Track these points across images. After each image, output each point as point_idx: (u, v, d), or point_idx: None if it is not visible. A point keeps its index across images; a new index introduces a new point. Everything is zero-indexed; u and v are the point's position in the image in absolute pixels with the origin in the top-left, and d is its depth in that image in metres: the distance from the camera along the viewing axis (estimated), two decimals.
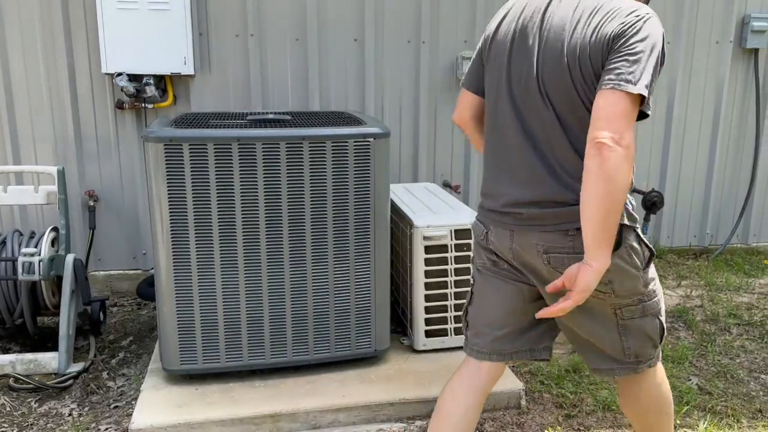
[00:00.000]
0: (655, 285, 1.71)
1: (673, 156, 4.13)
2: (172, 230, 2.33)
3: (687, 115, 4.10)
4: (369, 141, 2.45)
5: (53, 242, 2.99)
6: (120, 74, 3.28)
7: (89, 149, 3.48)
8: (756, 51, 4.08)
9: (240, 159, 2.32)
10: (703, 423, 2.41)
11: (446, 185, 3.85)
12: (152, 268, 3.61)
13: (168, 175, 2.28)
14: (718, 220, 4.31)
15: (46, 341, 3.08)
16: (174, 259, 2.36)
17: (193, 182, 2.30)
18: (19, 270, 2.72)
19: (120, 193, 3.55)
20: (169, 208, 2.31)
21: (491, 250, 1.78)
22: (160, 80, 3.40)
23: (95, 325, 3.12)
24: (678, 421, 2.42)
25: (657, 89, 4.02)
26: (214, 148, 2.29)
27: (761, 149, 4.21)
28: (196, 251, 2.36)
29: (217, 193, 2.33)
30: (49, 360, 2.80)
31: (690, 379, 2.73)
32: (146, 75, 3.32)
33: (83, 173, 3.50)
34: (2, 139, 3.39)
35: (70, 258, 2.90)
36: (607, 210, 1.47)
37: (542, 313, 1.60)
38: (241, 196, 2.35)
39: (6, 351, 2.98)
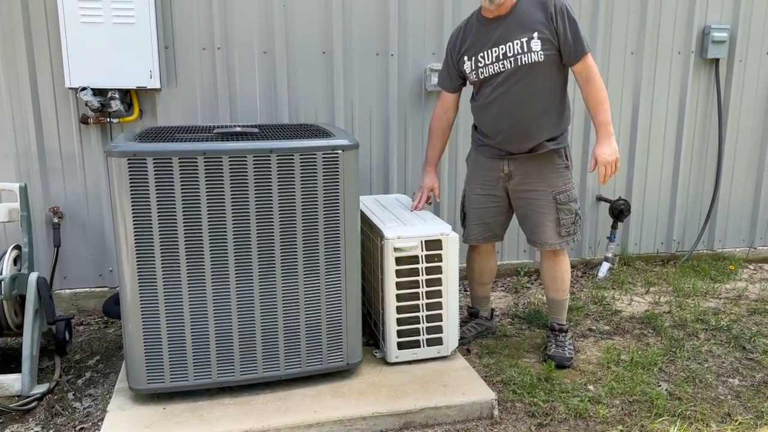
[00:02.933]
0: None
1: (638, 165, 4.20)
2: (136, 246, 2.29)
3: (651, 124, 4.18)
4: (338, 153, 2.44)
5: (15, 260, 2.92)
6: (84, 89, 3.22)
7: (53, 165, 3.41)
8: (717, 61, 4.19)
9: (206, 173, 2.29)
10: (674, 428, 2.43)
11: None
12: (118, 286, 3.55)
13: (132, 190, 2.24)
14: (684, 226, 4.39)
15: (9, 362, 2.99)
16: (139, 275, 2.31)
17: (158, 197, 2.26)
18: None
19: (85, 210, 3.48)
20: (134, 224, 2.27)
21: None
22: (125, 94, 3.35)
23: (60, 344, 3.05)
24: (649, 427, 2.44)
25: (623, 98, 4.10)
26: (180, 162, 2.26)
27: (724, 156, 4.30)
28: (162, 267, 2.32)
29: (183, 207, 2.29)
30: (11, 382, 2.71)
31: (660, 385, 2.76)
32: (111, 89, 3.27)
33: (47, 189, 3.42)
34: None
35: (33, 277, 2.83)
36: None
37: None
38: (208, 211, 2.32)
39: None
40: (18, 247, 2.95)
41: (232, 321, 2.43)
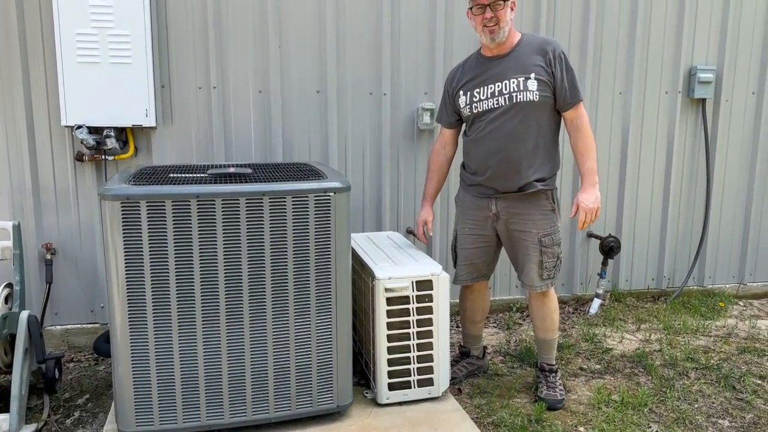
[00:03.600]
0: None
1: (628, 202, 4.25)
2: (128, 288, 2.30)
3: (640, 162, 4.24)
4: (330, 195, 2.47)
5: (7, 299, 2.92)
6: (80, 127, 3.26)
7: (47, 201, 3.43)
8: (703, 101, 4.27)
9: (199, 215, 2.32)
10: None
11: (410, 232, 3.88)
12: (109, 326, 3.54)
13: (125, 232, 2.26)
14: (674, 263, 4.43)
15: None
16: (130, 317, 2.32)
17: (150, 240, 2.28)
18: None
19: (78, 246, 3.49)
20: (126, 266, 2.28)
21: None
22: (121, 132, 3.39)
23: (50, 383, 3.03)
24: None
25: (611, 136, 4.17)
26: (173, 205, 2.28)
27: (712, 194, 4.36)
28: (153, 309, 2.33)
29: (175, 250, 2.31)
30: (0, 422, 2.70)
31: (650, 426, 2.76)
32: (107, 127, 3.31)
33: (40, 225, 3.44)
34: None
35: (24, 315, 2.83)
36: None
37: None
38: (200, 253, 2.34)
39: None
40: (10, 285, 2.95)
41: (222, 363, 2.43)
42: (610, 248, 4.08)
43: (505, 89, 2.76)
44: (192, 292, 2.36)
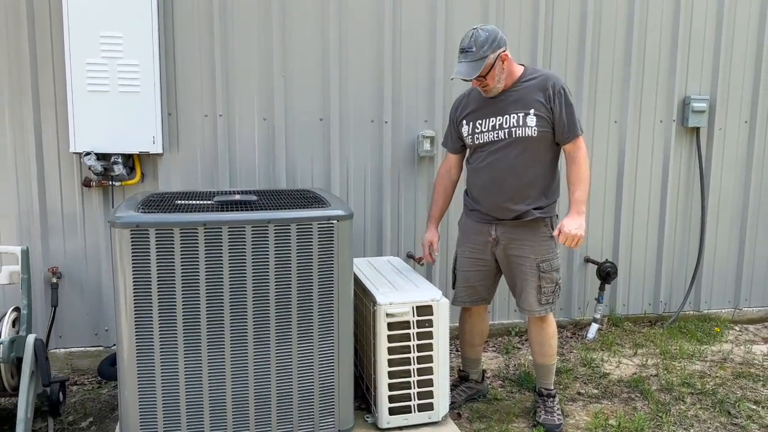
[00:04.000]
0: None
1: (624, 228, 4.33)
2: (135, 313, 2.36)
3: (636, 189, 4.32)
4: (333, 223, 2.54)
5: (14, 322, 2.97)
6: (88, 153, 3.34)
7: (54, 226, 3.50)
8: (697, 129, 4.37)
9: (206, 242, 2.38)
10: None
11: (410, 257, 3.95)
12: (114, 345, 3.59)
13: (134, 258, 2.32)
14: (670, 288, 4.49)
15: (3, 424, 3.01)
16: (137, 341, 2.37)
17: (158, 266, 2.35)
18: None
19: (84, 270, 3.55)
20: (134, 291, 2.34)
21: None
22: (128, 158, 3.47)
23: (54, 406, 3.06)
24: None
25: (608, 164, 4.25)
26: (181, 233, 2.35)
27: (707, 220, 4.44)
28: (160, 334, 2.39)
29: (182, 276, 2.38)
30: None
31: None
32: (114, 154, 3.39)
33: (47, 249, 3.50)
34: None
35: (31, 339, 2.87)
36: None
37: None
38: (206, 279, 2.40)
39: None
40: (17, 309, 3.00)
41: (226, 387, 2.48)
42: (607, 273, 4.15)
43: (506, 123, 2.85)
44: (198, 318, 2.41)
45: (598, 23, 4.10)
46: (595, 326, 4.15)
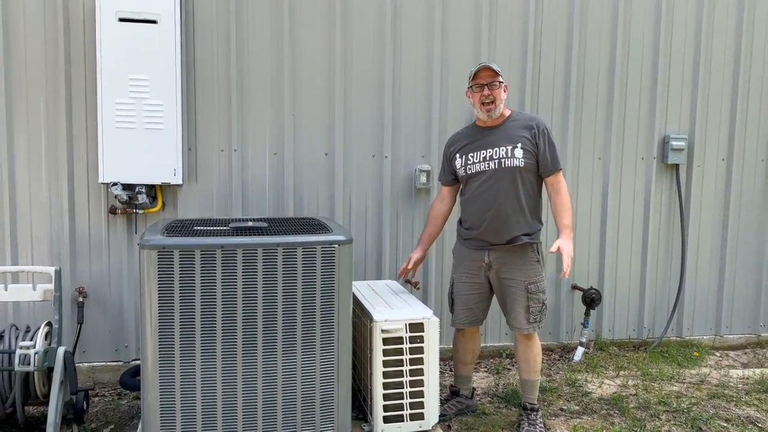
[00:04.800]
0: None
1: (608, 258, 4.62)
2: (159, 326, 2.67)
3: (619, 221, 4.63)
4: (335, 247, 2.86)
5: (46, 336, 3.28)
6: (115, 184, 3.69)
7: (81, 249, 3.84)
8: (677, 166, 4.69)
9: (222, 263, 2.70)
10: None
11: (407, 281, 4.24)
12: (133, 360, 3.90)
13: (159, 277, 2.64)
14: (654, 315, 4.76)
15: (33, 429, 3.29)
16: (160, 352, 2.68)
17: (180, 283, 2.67)
18: (16, 361, 2.99)
19: (107, 290, 3.88)
20: (159, 306, 2.66)
21: None
22: (151, 188, 3.82)
23: (78, 414, 3.35)
24: None
25: (592, 197, 4.57)
26: (201, 254, 2.68)
27: (687, 252, 4.72)
28: (180, 344, 2.69)
29: (201, 292, 2.69)
30: None
31: None
32: (139, 184, 3.74)
33: (75, 271, 3.83)
34: (3, 239, 3.73)
35: (61, 351, 3.18)
36: None
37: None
38: (222, 295, 2.72)
39: None
40: (49, 324, 3.31)
41: (237, 395, 2.77)
42: (591, 299, 4.43)
43: (495, 155, 3.20)
44: (214, 330, 2.72)
45: (582, 69, 4.46)
46: (581, 349, 4.42)
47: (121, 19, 3.68)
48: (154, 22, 3.71)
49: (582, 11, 4.44)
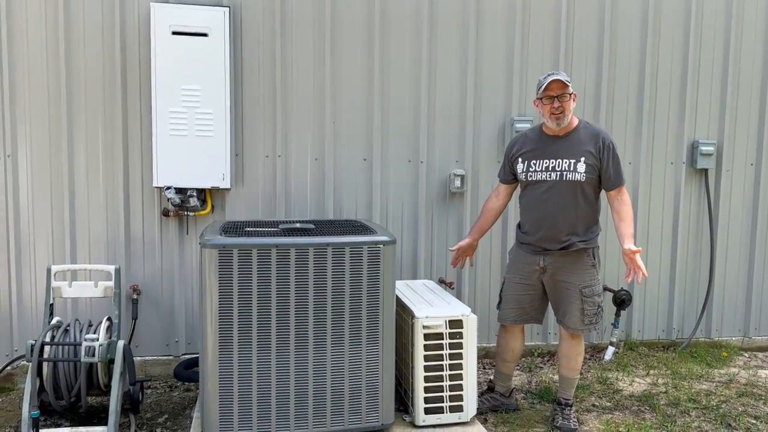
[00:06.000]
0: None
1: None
2: (219, 320, 2.88)
3: (649, 224, 4.74)
4: (380, 247, 3.04)
5: (107, 330, 3.51)
6: (169, 188, 3.92)
7: (136, 250, 4.07)
8: (706, 171, 4.79)
9: (277, 261, 2.90)
10: None
11: (441, 282, 4.41)
12: (183, 354, 4.11)
13: (220, 274, 2.85)
14: (683, 316, 4.86)
15: (92, 418, 3.52)
16: (219, 342, 2.89)
17: (239, 280, 2.87)
18: (82, 353, 3.22)
19: (159, 288, 4.10)
20: (219, 302, 2.87)
21: None
22: (201, 192, 4.04)
23: (135, 404, 3.56)
24: None
25: None
26: (257, 253, 2.88)
27: (716, 255, 4.82)
28: (238, 337, 2.90)
29: (258, 288, 2.89)
30: None
31: None
32: (190, 188, 3.96)
33: (129, 270, 4.06)
34: (63, 240, 3.98)
35: (121, 344, 3.41)
36: None
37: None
38: (276, 291, 2.92)
39: (57, 426, 3.42)
40: (109, 319, 3.54)
41: (290, 384, 2.96)
42: (621, 301, 4.54)
43: (558, 167, 3.32)
44: (269, 323, 2.92)
45: (612, 78, 4.60)
46: (611, 349, 4.53)
47: (174, 33, 3.91)
48: (204, 35, 3.93)
49: (612, 17, 4.57)
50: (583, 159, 3.28)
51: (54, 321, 3.46)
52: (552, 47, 4.51)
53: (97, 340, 3.29)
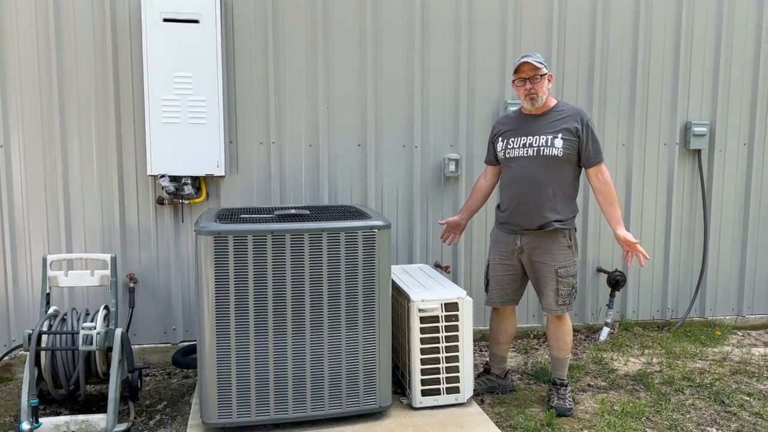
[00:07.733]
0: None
1: None
2: (216, 306, 2.89)
3: (643, 205, 4.77)
4: (374, 231, 3.06)
5: (105, 318, 3.52)
6: (163, 176, 3.91)
7: (131, 238, 4.07)
8: (699, 151, 4.81)
9: (273, 247, 2.91)
10: None
11: (437, 266, 4.43)
12: (181, 342, 4.13)
13: (215, 260, 2.86)
14: (677, 296, 4.90)
15: (91, 405, 3.54)
16: (217, 328, 2.90)
17: (234, 266, 2.88)
18: (79, 341, 3.23)
19: (156, 277, 4.11)
20: (215, 287, 2.88)
21: None
22: (195, 180, 4.04)
23: (134, 391, 3.58)
24: None
25: (617, 182, 4.69)
26: (253, 239, 2.88)
27: (710, 234, 4.85)
28: (235, 322, 2.91)
29: (254, 274, 2.91)
30: (98, 420, 3.25)
31: (646, 431, 3.22)
32: (185, 176, 3.96)
33: (125, 258, 4.07)
34: (59, 230, 3.98)
35: (118, 332, 3.42)
36: None
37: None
38: (273, 277, 2.93)
39: (57, 414, 3.44)
40: (107, 307, 3.55)
41: (288, 368, 2.99)
42: (616, 281, 4.58)
43: (535, 143, 3.34)
44: (265, 309, 2.94)
45: (605, 57, 4.59)
46: (606, 329, 4.57)
47: (165, 20, 3.88)
48: (196, 21, 3.91)
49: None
50: (560, 135, 3.30)
51: (51, 310, 3.47)
52: (545, 27, 4.50)
53: (95, 328, 3.30)
